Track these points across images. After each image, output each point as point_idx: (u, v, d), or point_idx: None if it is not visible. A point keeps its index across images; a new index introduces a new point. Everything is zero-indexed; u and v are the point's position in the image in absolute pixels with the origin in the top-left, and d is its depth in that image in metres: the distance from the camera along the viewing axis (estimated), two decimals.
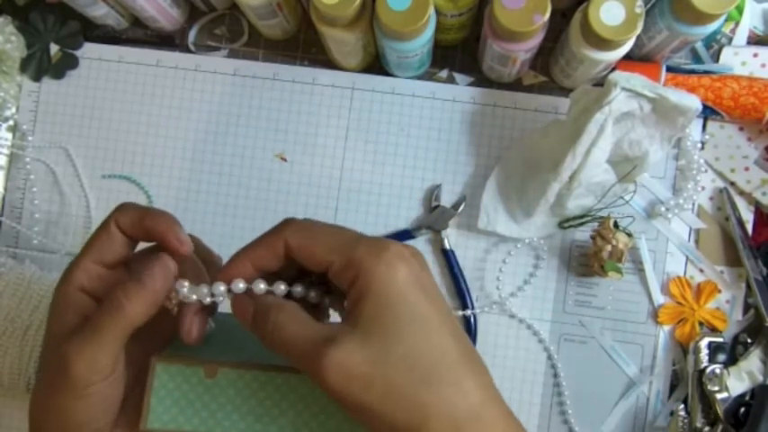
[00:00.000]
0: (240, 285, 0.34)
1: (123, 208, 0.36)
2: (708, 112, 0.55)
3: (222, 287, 0.34)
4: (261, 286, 0.34)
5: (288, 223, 0.34)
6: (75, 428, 0.35)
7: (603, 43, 0.47)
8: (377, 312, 0.30)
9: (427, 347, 0.30)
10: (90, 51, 0.59)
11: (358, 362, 0.29)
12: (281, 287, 0.34)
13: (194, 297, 0.34)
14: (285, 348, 0.32)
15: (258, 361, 0.36)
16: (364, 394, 0.29)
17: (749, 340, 0.54)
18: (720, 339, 0.54)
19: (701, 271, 0.56)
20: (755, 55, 0.56)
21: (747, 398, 0.53)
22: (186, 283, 0.34)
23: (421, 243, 0.57)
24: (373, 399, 0.29)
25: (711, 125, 0.56)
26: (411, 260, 0.32)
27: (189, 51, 0.59)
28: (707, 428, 0.53)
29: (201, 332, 0.35)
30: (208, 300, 0.34)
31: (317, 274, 0.34)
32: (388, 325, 0.30)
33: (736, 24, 0.56)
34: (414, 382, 0.29)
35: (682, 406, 0.54)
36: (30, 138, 0.59)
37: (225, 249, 0.59)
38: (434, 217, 0.56)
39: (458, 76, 0.58)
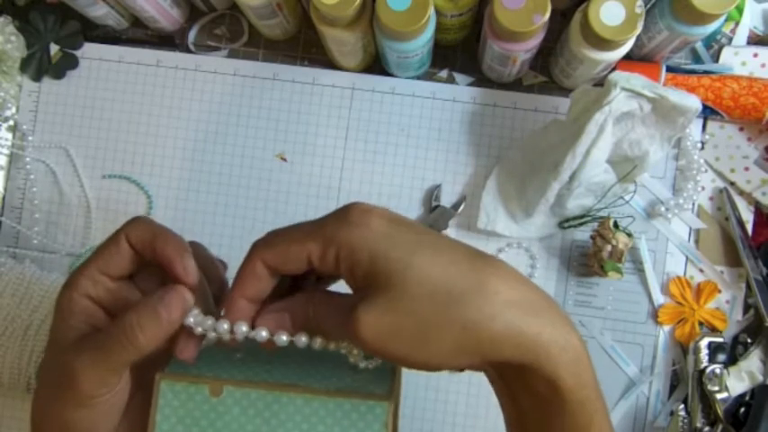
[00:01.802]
0: (243, 329, 0.34)
1: (135, 223, 0.35)
2: (708, 112, 0.55)
3: (225, 326, 0.34)
4: (263, 334, 0.34)
5: (256, 246, 0.34)
6: None
7: (603, 43, 0.47)
8: (373, 267, 0.30)
9: (437, 269, 0.30)
10: (90, 51, 0.59)
11: (381, 314, 0.29)
12: (283, 338, 0.34)
13: (200, 329, 0.34)
14: (328, 334, 0.33)
15: (262, 376, 0.36)
16: (402, 342, 0.29)
17: (749, 340, 0.54)
18: (720, 339, 0.54)
19: (701, 271, 0.56)
20: (755, 55, 0.56)
21: (747, 398, 0.53)
22: (195, 311, 0.34)
23: None
24: (413, 342, 0.29)
25: (711, 125, 0.56)
26: (377, 209, 0.32)
27: (189, 51, 0.59)
28: (707, 428, 0.53)
29: (195, 352, 0.35)
30: (212, 335, 0.34)
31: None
32: (390, 270, 0.30)
33: (736, 24, 0.56)
34: (440, 305, 0.29)
35: (682, 406, 0.54)
36: (30, 138, 0.59)
37: (225, 249, 0.59)
38: (434, 217, 0.56)
39: (458, 76, 0.58)
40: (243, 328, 0.34)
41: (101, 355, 0.33)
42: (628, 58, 0.51)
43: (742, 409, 0.52)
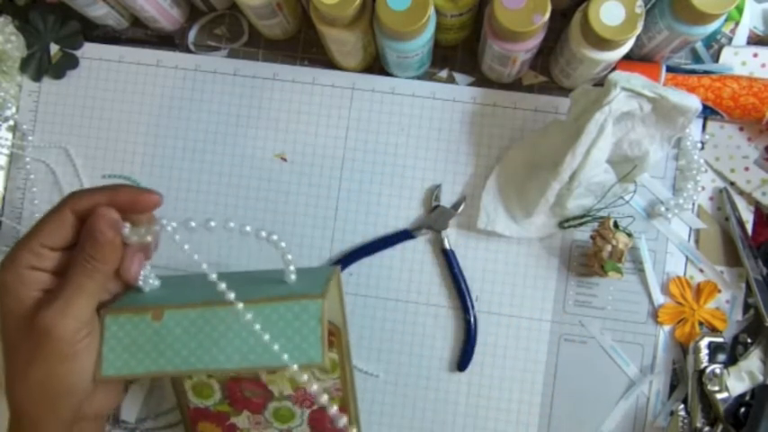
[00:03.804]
0: (174, 224, 0.37)
1: (79, 196, 0.37)
2: (708, 112, 0.55)
3: (157, 226, 0.37)
4: (192, 224, 0.37)
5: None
6: (66, 393, 0.36)
7: (603, 43, 0.47)
8: None
9: None
10: (90, 51, 0.59)
11: None
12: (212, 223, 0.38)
13: (135, 238, 0.37)
14: None
15: (202, 298, 0.39)
16: None
17: (749, 340, 0.54)
18: (720, 339, 0.54)
19: (701, 271, 0.56)
20: (755, 55, 0.56)
21: (747, 398, 0.53)
22: (127, 225, 0.37)
23: (421, 243, 0.57)
24: None
25: (711, 125, 0.56)
26: None
27: (189, 51, 0.59)
28: (707, 428, 0.53)
29: (140, 267, 0.39)
30: (149, 238, 0.37)
31: None
32: None
33: (736, 24, 0.56)
34: None
35: (682, 406, 0.54)
36: (30, 138, 0.59)
37: (224, 249, 0.59)
38: (434, 217, 0.56)
39: (458, 76, 0.58)
40: (173, 223, 0.37)
41: (72, 298, 0.35)
42: (628, 58, 0.51)
43: (742, 409, 0.52)
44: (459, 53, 0.58)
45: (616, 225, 0.53)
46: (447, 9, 0.49)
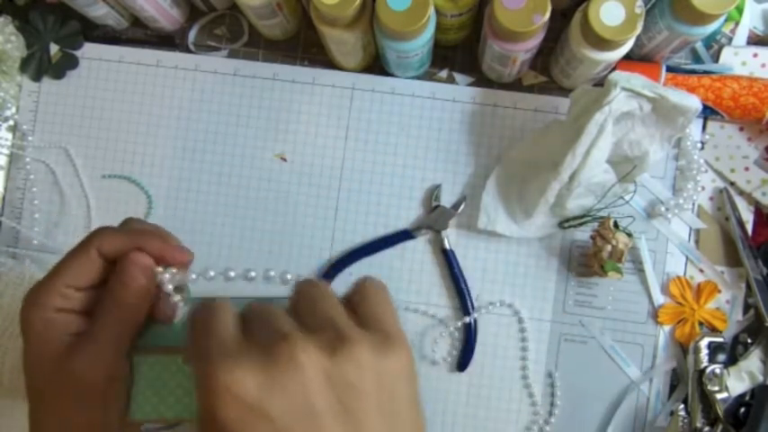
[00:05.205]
0: (211, 273, 0.35)
1: (106, 234, 0.35)
2: (708, 112, 0.55)
3: (194, 275, 0.36)
4: (231, 273, 0.36)
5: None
6: None
7: (603, 43, 0.47)
8: None
9: None
10: (90, 51, 0.59)
11: None
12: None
13: (170, 286, 0.36)
14: None
15: None
16: None
17: (749, 340, 0.54)
18: (720, 339, 0.54)
19: (701, 271, 0.56)
20: (755, 55, 0.56)
21: (747, 398, 0.53)
22: (160, 269, 0.36)
23: (421, 243, 0.57)
24: None
25: (711, 125, 0.56)
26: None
27: (189, 51, 0.59)
28: (707, 428, 0.53)
29: (177, 311, 0.37)
30: (192, 277, 0.36)
31: None
32: None
33: (736, 24, 0.56)
34: None
35: (682, 406, 0.54)
36: (30, 138, 0.59)
37: (224, 250, 0.59)
38: (434, 217, 0.56)
39: (458, 76, 0.58)
40: (211, 273, 0.35)
41: (103, 346, 0.34)
42: (628, 58, 0.51)
43: (742, 409, 0.52)
44: (459, 53, 0.58)
45: (616, 225, 0.53)
46: (447, 9, 0.49)
